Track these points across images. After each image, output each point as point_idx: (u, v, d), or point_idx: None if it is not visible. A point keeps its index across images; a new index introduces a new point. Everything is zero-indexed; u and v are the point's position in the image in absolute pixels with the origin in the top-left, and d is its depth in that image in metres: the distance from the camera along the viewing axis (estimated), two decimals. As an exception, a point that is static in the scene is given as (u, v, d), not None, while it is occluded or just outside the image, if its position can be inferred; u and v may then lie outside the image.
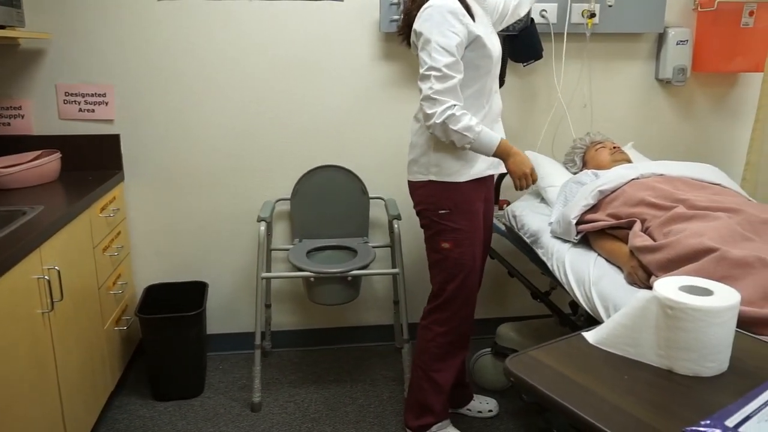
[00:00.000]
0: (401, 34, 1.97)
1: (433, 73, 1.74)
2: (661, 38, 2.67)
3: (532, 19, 2.44)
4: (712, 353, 0.99)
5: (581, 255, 1.88)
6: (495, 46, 1.89)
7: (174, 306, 2.52)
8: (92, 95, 2.46)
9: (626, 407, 0.93)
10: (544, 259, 2.02)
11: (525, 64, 2.54)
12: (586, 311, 1.76)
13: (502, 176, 2.54)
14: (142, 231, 2.61)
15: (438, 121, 1.75)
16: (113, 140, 2.50)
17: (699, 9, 2.62)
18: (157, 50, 2.45)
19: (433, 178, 1.88)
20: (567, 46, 2.60)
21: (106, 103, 2.47)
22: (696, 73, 2.70)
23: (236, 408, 2.36)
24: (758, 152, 2.51)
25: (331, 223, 2.60)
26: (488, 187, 2.04)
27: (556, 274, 1.92)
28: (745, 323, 1.25)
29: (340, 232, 2.61)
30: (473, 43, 1.80)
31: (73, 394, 1.90)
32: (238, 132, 2.57)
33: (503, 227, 2.36)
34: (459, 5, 1.78)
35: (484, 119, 1.87)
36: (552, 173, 2.35)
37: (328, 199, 2.59)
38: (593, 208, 1.92)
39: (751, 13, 2.55)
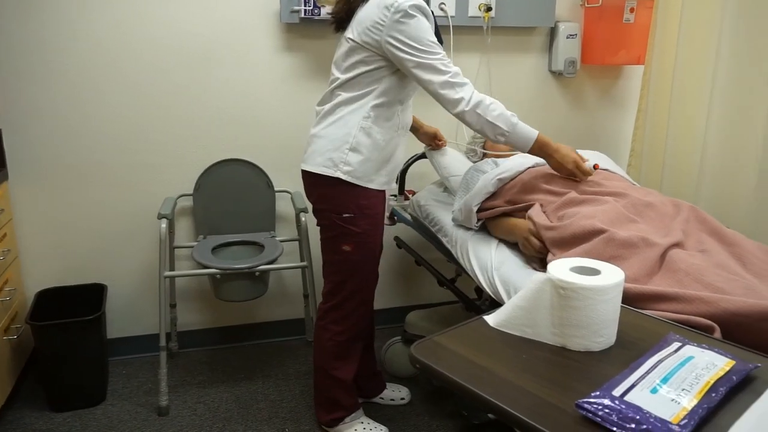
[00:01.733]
0: (334, 22, 1.90)
1: (437, 62, 1.73)
2: (552, 32, 2.81)
3: (432, 12, 2.48)
4: (601, 329, 1.06)
5: (484, 242, 1.94)
6: None
7: (70, 311, 2.39)
8: (-33, 88, 2.27)
9: (524, 385, 0.97)
10: (449, 247, 2.07)
11: (426, 56, 2.58)
12: (489, 296, 1.83)
13: (407, 167, 2.59)
14: (31, 233, 2.45)
15: (469, 107, 1.74)
16: (-6, 136, 2.33)
17: (586, 5, 2.77)
18: (43, 40, 2.29)
19: (341, 176, 1.83)
20: (466, 38, 2.67)
21: (-16, 97, 2.29)
22: (585, 65, 2.86)
23: (142, 413, 2.27)
24: (641, 140, 2.70)
25: (236, 218, 2.55)
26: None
27: (461, 261, 1.98)
28: (631, 299, 1.35)
29: (245, 227, 2.56)
30: None
31: (-44, 411, 1.76)
32: (134, 126, 2.46)
33: (409, 217, 2.40)
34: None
35: (398, 130, 1.89)
36: (454, 163, 2.41)
37: (232, 194, 2.53)
38: (492, 196, 1.99)
39: (632, 10, 2.72)
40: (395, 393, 2.34)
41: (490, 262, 1.82)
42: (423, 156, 2.55)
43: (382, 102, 1.83)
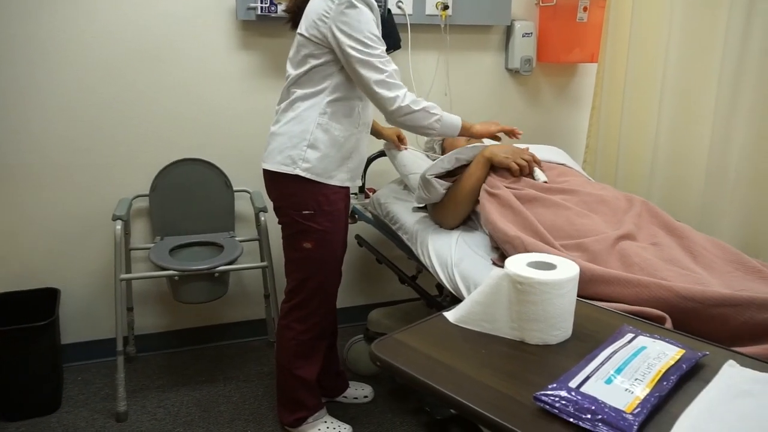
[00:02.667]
0: (290, 21, 1.92)
1: (376, 60, 1.73)
2: (508, 30, 2.84)
3: (389, 10, 2.49)
4: (558, 322, 1.08)
5: (443, 239, 1.96)
6: None
7: (21, 317, 2.32)
8: None
9: (484, 379, 0.98)
10: (409, 244, 2.09)
11: (384, 54, 2.58)
12: (450, 292, 1.84)
13: (367, 165, 2.59)
14: (-22, 237, 2.36)
15: (403, 104, 1.76)
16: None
17: (540, 4, 2.81)
18: (-15, 37, 2.22)
19: (300, 173, 1.83)
20: (424, 36, 2.69)
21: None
22: (541, 63, 2.91)
23: (99, 420, 2.22)
24: (595, 136, 2.76)
25: (194, 218, 2.51)
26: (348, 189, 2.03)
27: (421, 258, 1.99)
28: (593, 280, 1.40)
29: (204, 227, 2.52)
30: None
31: None
32: (87, 125, 2.39)
33: (370, 215, 2.40)
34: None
35: (358, 126, 1.89)
36: (414, 161, 2.42)
37: (190, 194, 2.49)
38: (450, 175, 2.03)
39: (585, 9, 2.78)
40: (358, 391, 2.34)
41: (450, 258, 1.84)
42: (383, 154, 2.55)
43: (337, 97, 1.82)
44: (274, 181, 1.89)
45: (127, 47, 2.37)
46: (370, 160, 2.60)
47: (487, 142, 2.31)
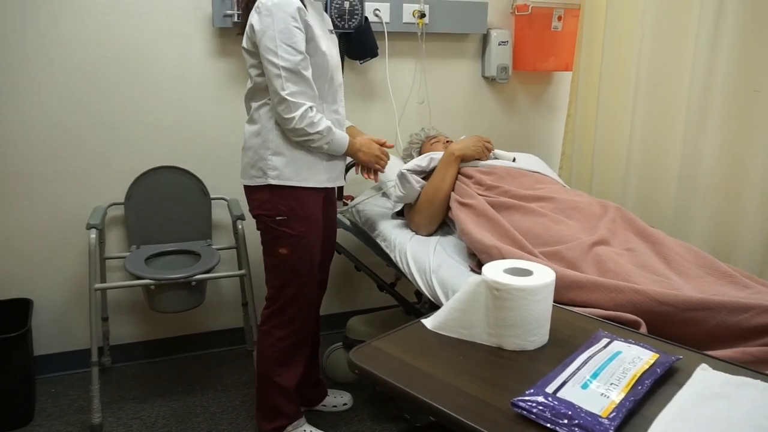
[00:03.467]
0: (240, 33, 1.89)
1: (284, 73, 1.71)
2: (485, 39, 2.87)
3: (367, 18, 2.50)
4: (534, 328, 1.09)
5: (422, 245, 1.97)
6: (331, 51, 1.87)
7: (-8, 328, 2.27)
8: None
9: (462, 386, 0.99)
10: (388, 251, 2.09)
11: (361, 61, 2.59)
12: (429, 299, 1.85)
13: (345, 172, 2.58)
14: (-53, 247, 2.31)
15: (298, 126, 1.75)
16: None
17: (516, 13, 2.84)
18: (-45, 43, 2.18)
19: (271, 182, 1.84)
20: (402, 44, 2.70)
21: None
22: (517, 71, 2.93)
23: (73, 432, 2.18)
24: (571, 143, 2.79)
25: (170, 226, 2.48)
26: (329, 193, 2.03)
27: (400, 265, 1.99)
28: (569, 286, 1.42)
29: (181, 235, 2.50)
30: (308, 45, 1.77)
31: None
32: (61, 132, 2.36)
33: (348, 222, 2.40)
34: (299, 1, 1.74)
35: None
36: (391, 168, 2.43)
37: (166, 202, 2.46)
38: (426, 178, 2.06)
39: (559, 18, 2.82)
40: (337, 399, 2.33)
41: (428, 264, 1.84)
42: None
43: None
44: (251, 193, 1.91)
45: (103, 54, 2.35)
46: (347, 168, 2.60)
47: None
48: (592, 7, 2.59)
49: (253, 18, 1.75)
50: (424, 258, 1.89)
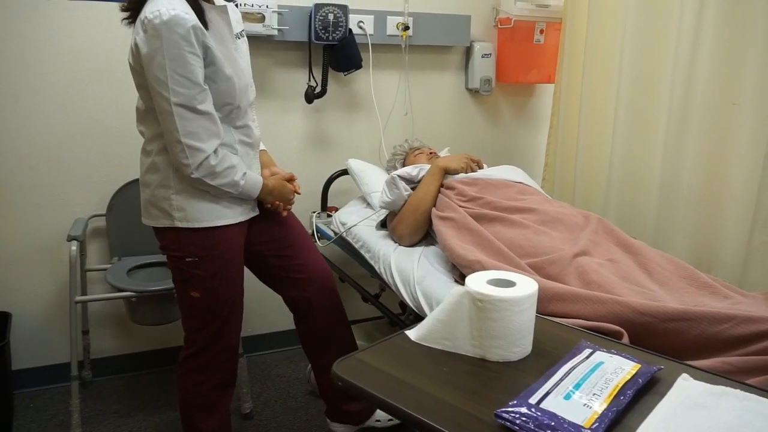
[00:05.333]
0: (128, 19, 1.55)
1: (177, 110, 1.46)
2: (468, 51, 2.90)
3: (351, 30, 2.52)
4: (518, 339, 1.09)
5: (406, 256, 1.97)
6: (239, 69, 1.61)
7: (-31, 342, 2.23)
8: None
9: (446, 397, 0.99)
10: (372, 263, 2.09)
11: (345, 73, 2.60)
12: (413, 310, 1.85)
13: (329, 183, 2.59)
14: (-77, 260, 2.27)
15: (195, 176, 1.53)
16: None
17: (499, 26, 2.87)
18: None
19: (178, 224, 1.60)
20: (386, 56, 2.71)
21: None
22: (500, 83, 2.96)
23: (52, 448, 2.14)
24: (554, 155, 2.82)
25: (153, 238, 2.43)
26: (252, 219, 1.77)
27: (384, 276, 1.99)
28: (552, 298, 1.43)
29: (163, 247, 2.47)
30: (208, 69, 1.52)
31: None
32: (41, 143, 2.33)
33: (332, 234, 2.40)
34: (194, 16, 1.45)
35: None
36: (375, 180, 2.44)
37: (148, 214, 2.44)
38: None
39: (541, 31, 2.85)
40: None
41: (413, 276, 1.85)
42: (344, 173, 2.56)
43: None
44: (158, 233, 1.70)
45: (83, 65, 2.33)
46: (331, 180, 2.61)
47: (443, 154, 2.42)
48: (574, 20, 2.63)
49: (138, 36, 1.47)
50: (408, 269, 1.89)
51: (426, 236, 2.10)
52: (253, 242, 1.80)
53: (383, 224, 2.22)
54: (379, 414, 2.09)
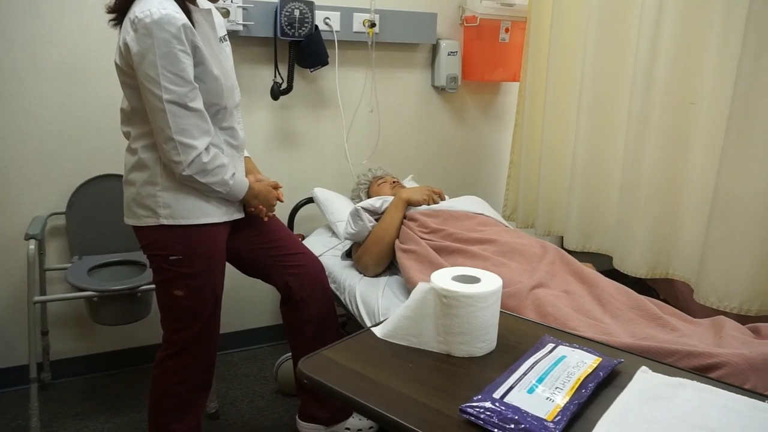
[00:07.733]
0: (114, 20, 1.58)
1: (170, 107, 1.48)
2: (434, 49, 2.91)
3: (317, 26, 2.50)
4: (482, 334, 1.11)
5: (370, 287, 2.03)
6: (225, 70, 1.65)
7: None
8: None
9: (411, 393, 0.99)
10: (337, 293, 2.14)
11: (311, 69, 2.59)
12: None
13: (296, 210, 2.60)
14: None
15: (186, 173, 1.54)
16: None
17: (465, 24, 2.89)
18: None
19: (164, 221, 1.60)
20: (352, 53, 2.71)
21: None
22: (466, 81, 2.98)
23: (9, 453, 2.09)
24: (519, 152, 2.85)
25: (114, 236, 2.41)
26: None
27: (349, 306, 2.04)
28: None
29: (125, 246, 2.42)
30: (197, 69, 1.54)
31: None
32: (-3, 140, 2.26)
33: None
34: (183, 16, 1.48)
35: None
36: (340, 209, 2.45)
37: (110, 211, 2.39)
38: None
39: (507, 30, 2.88)
40: (363, 422, 2.09)
41: (377, 307, 1.91)
42: (310, 201, 2.59)
43: None
44: (141, 233, 1.68)
45: (42, 60, 2.27)
46: (297, 208, 2.61)
47: (408, 185, 2.51)
48: (538, 20, 2.66)
49: (128, 35, 1.48)
50: (373, 300, 1.95)
51: (390, 266, 2.15)
52: (244, 237, 1.82)
53: (348, 254, 2.23)
54: (351, 422, 2.07)
